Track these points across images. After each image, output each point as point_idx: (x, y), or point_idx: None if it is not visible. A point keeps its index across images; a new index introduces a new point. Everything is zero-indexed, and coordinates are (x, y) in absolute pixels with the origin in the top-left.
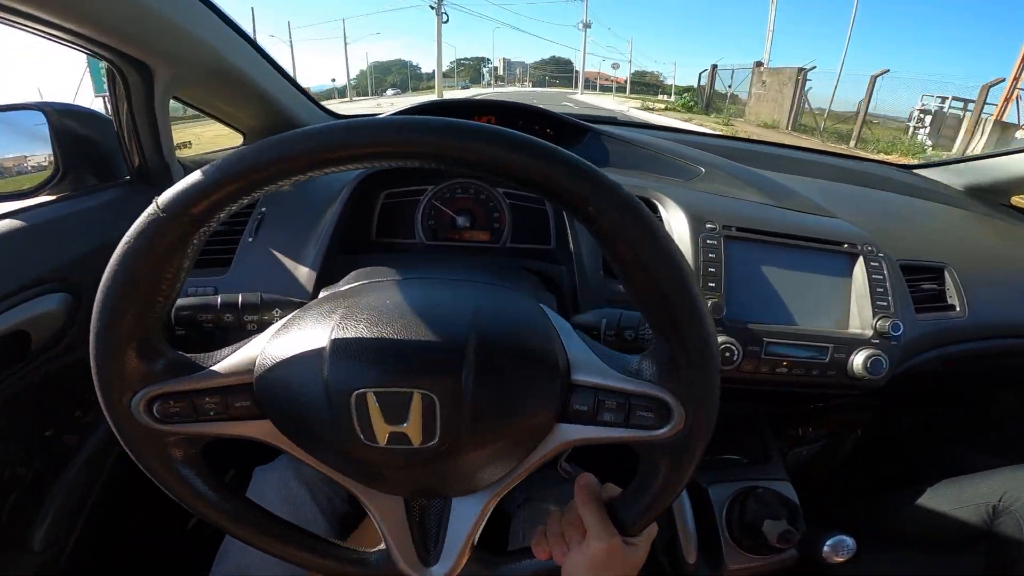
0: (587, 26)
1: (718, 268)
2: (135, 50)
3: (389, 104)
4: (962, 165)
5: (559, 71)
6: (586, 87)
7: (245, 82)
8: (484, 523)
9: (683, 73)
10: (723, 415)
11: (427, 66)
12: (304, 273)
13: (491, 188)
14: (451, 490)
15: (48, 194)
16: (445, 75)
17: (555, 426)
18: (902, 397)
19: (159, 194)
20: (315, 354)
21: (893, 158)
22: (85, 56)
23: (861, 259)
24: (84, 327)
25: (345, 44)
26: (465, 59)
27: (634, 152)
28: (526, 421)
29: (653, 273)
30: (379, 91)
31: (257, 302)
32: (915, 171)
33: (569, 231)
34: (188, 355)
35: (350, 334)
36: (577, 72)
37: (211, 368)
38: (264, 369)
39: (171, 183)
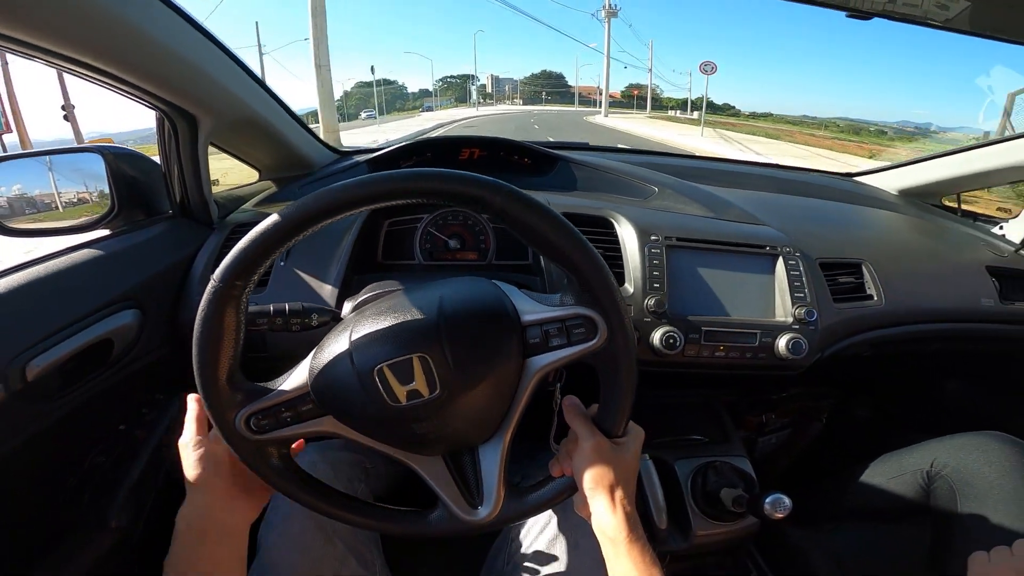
0: (612, 14)
1: (661, 272)
2: (186, 102)
3: (375, 131)
4: (901, 170)
5: (551, 86)
6: (573, 101)
7: (266, 127)
8: (507, 462)
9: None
10: (686, 402)
11: (412, 85)
12: (328, 290)
13: (477, 215)
14: (472, 439)
15: (106, 227)
16: (428, 94)
17: (524, 362)
18: (852, 385)
19: (200, 224)
20: (344, 355)
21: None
22: None
23: (781, 259)
24: (152, 337)
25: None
26: (451, 77)
27: (599, 176)
28: (499, 362)
29: (551, 237)
30: (356, 115)
31: (299, 309)
32: (855, 179)
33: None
34: (257, 384)
35: (362, 335)
36: (603, 92)
37: (279, 388)
38: (314, 378)
39: (209, 216)
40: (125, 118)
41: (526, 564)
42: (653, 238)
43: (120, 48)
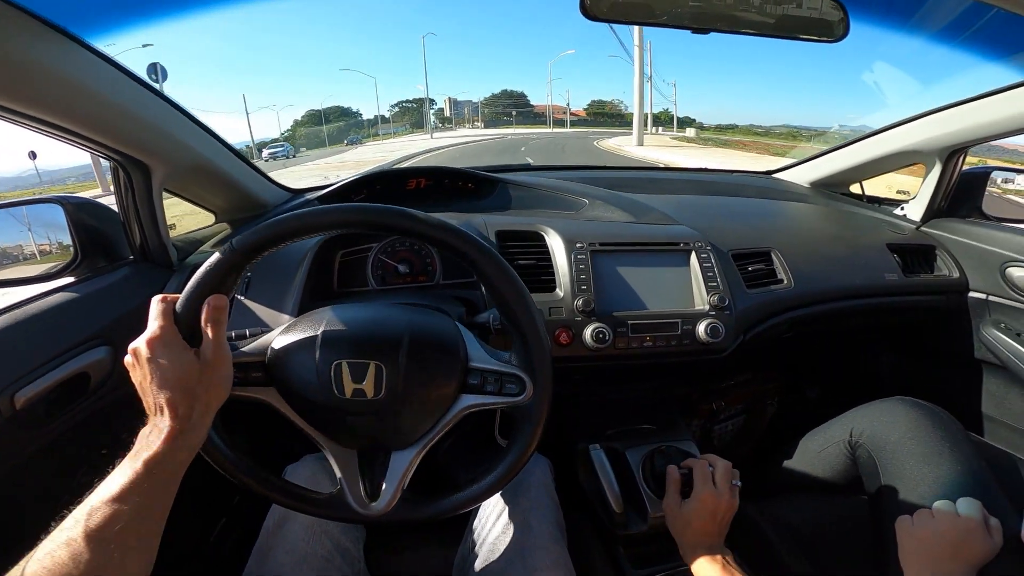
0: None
1: (587, 275)
2: (137, 152)
3: (303, 168)
4: (811, 163)
5: (512, 105)
6: (537, 121)
7: (217, 172)
8: (412, 472)
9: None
10: (637, 394)
11: (368, 111)
12: (286, 318)
13: (422, 241)
14: (390, 442)
15: (71, 275)
16: (384, 121)
17: (458, 396)
18: (800, 367)
19: (161, 268)
20: (310, 341)
21: None
22: None
23: (693, 253)
24: (124, 370)
25: (247, 115)
26: (406, 102)
27: (535, 195)
28: (439, 388)
29: (502, 293)
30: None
31: (258, 332)
32: (773, 175)
33: None
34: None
35: (333, 330)
36: (634, 112)
37: (240, 350)
38: (273, 352)
39: (168, 260)
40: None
41: (488, 549)
42: (579, 245)
43: (68, 105)
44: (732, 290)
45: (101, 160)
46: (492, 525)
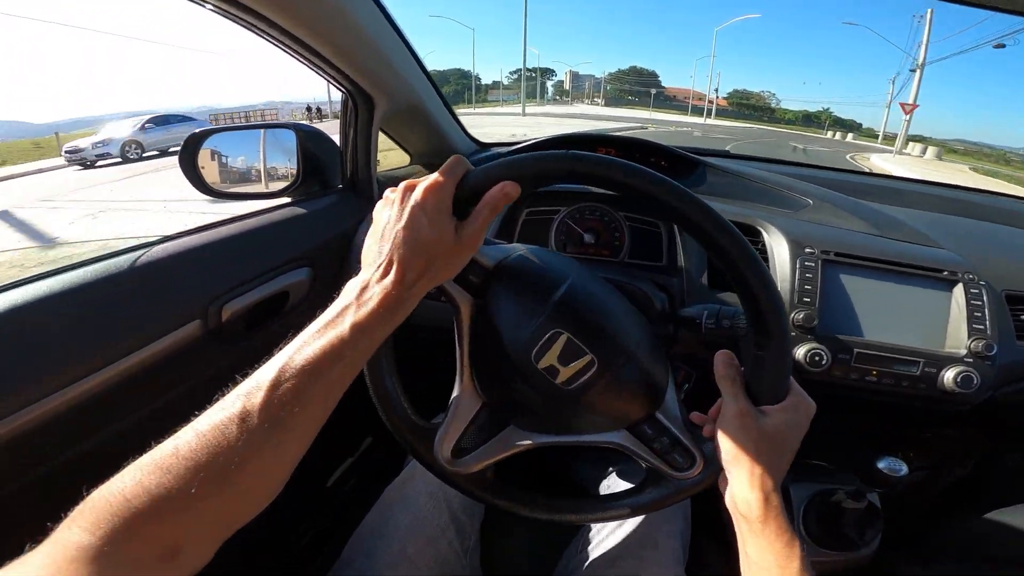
0: None
1: (814, 286)
2: (369, 85)
3: None
4: None
5: (641, 83)
6: (669, 106)
7: (427, 115)
8: (509, 454)
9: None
10: (818, 424)
11: (486, 76)
12: None
13: (614, 212)
14: (524, 422)
15: (289, 195)
16: (506, 87)
17: (621, 430)
18: (1011, 433)
19: (364, 199)
20: (548, 291)
21: None
22: None
23: (960, 285)
24: (320, 293)
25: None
26: (529, 70)
27: (745, 184)
28: (617, 413)
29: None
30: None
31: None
32: None
33: (681, 250)
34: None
35: (574, 298)
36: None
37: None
38: (505, 267)
39: (372, 193)
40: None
41: (603, 554)
42: (808, 251)
43: (329, 31)
44: (1000, 338)
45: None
46: (613, 531)
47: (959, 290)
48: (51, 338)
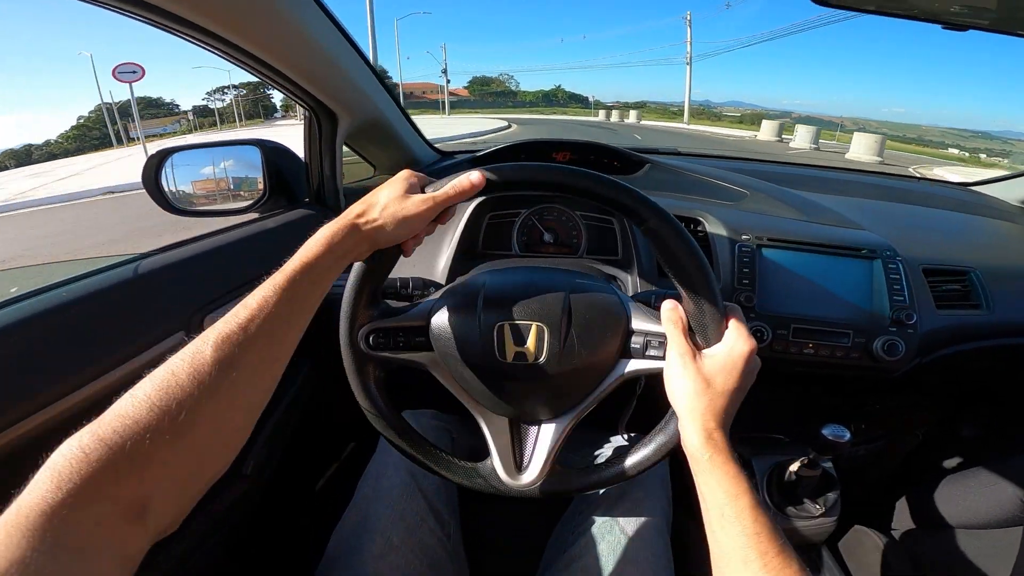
0: None
1: (751, 269)
2: (331, 102)
3: None
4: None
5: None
6: (413, 105)
7: (388, 128)
8: (562, 444)
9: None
10: (775, 400)
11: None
12: (439, 271)
13: (571, 211)
14: (544, 411)
15: (257, 211)
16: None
17: (618, 360)
18: (961, 399)
19: (331, 212)
20: (472, 304)
21: None
22: None
23: (880, 261)
24: None
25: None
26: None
27: (687, 179)
28: (601, 351)
29: (681, 258)
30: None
31: (420, 284)
32: (971, 188)
33: (633, 245)
34: (391, 306)
35: (495, 293)
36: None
37: (406, 314)
38: (436, 315)
39: (339, 205)
40: None
41: (589, 532)
42: (744, 237)
43: (287, 48)
44: (920, 308)
45: None
46: (596, 509)
47: (878, 265)
48: (39, 356)
